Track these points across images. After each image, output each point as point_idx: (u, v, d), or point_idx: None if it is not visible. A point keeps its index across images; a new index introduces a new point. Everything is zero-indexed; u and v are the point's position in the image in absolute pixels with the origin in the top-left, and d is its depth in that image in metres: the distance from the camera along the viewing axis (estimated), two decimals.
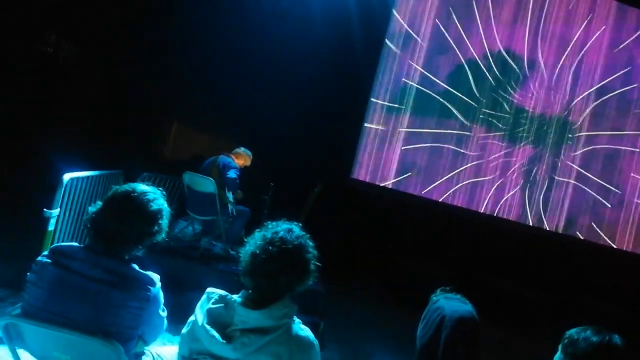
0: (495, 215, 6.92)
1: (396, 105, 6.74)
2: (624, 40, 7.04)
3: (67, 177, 3.46)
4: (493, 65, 6.84)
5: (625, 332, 1.57)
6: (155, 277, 1.71)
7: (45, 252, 1.67)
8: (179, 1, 6.27)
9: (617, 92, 7.04)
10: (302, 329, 1.56)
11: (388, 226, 6.60)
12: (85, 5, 5.97)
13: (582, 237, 7.02)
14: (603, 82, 7.02)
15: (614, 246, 7.02)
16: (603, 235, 7.02)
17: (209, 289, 1.60)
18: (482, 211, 6.91)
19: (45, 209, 3.30)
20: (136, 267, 1.70)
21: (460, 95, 6.81)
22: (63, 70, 6.18)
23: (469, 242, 6.72)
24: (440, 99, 6.78)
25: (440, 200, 6.84)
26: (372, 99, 6.73)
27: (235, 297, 1.57)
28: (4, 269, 3.71)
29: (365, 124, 6.73)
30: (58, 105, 6.06)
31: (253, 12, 6.18)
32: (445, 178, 6.84)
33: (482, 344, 1.62)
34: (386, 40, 6.72)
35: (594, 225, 7.01)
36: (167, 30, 6.13)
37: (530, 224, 6.96)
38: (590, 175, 7.01)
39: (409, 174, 6.77)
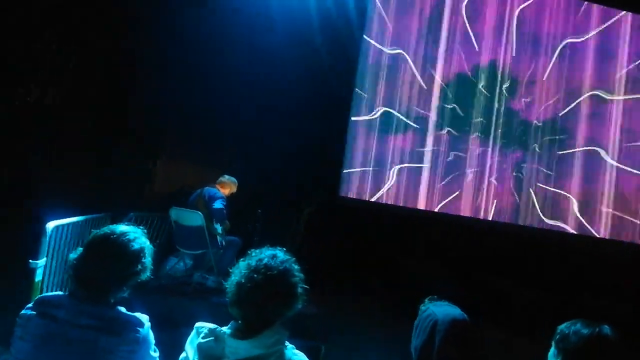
0: (491, 219, 6.93)
1: (378, 117, 6.80)
2: (608, 41, 7.23)
3: (50, 225, 3.43)
4: (477, 78, 6.98)
5: (629, 331, 1.57)
6: (144, 317, 1.69)
7: (30, 305, 1.65)
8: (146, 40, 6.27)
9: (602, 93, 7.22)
10: (295, 354, 1.55)
11: (382, 239, 6.55)
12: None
13: (577, 233, 7.06)
14: (588, 85, 7.19)
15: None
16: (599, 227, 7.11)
17: (197, 324, 1.59)
18: (476, 217, 6.93)
19: (30, 260, 3.26)
20: (123, 309, 1.68)
21: (446, 106, 6.91)
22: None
23: (467, 249, 6.65)
24: (425, 112, 6.86)
25: (431, 210, 6.86)
26: (353, 118, 6.77)
27: (224, 329, 1.56)
28: None
29: (350, 142, 6.75)
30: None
31: (233, 37, 6.21)
32: (436, 188, 6.86)
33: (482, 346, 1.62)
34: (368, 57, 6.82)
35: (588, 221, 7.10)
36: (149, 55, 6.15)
37: (524, 224, 7.01)
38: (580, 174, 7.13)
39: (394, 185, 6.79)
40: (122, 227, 1.73)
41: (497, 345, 4.41)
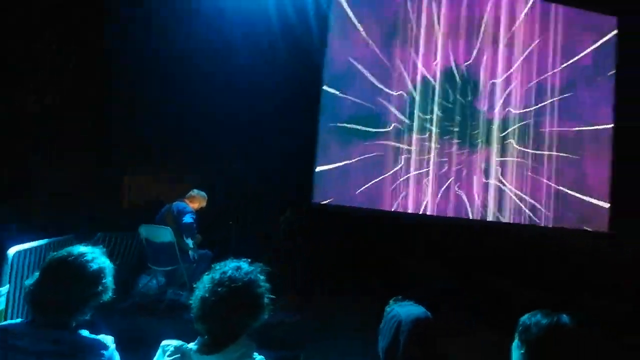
0: (469, 217, 7.07)
1: (351, 126, 6.83)
2: (562, 42, 7.52)
3: (12, 251, 3.33)
4: (442, 79, 7.12)
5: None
6: (108, 339, 1.65)
7: None
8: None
9: (557, 95, 7.45)
10: None
11: (363, 243, 6.49)
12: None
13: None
14: (544, 85, 7.44)
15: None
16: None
17: (163, 342, 1.57)
18: (449, 216, 7.03)
19: None
20: (86, 332, 1.63)
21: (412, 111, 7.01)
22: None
23: (458, 249, 6.63)
24: (391, 114, 6.95)
25: (398, 212, 6.92)
26: (322, 124, 6.79)
27: (191, 345, 1.54)
28: None
29: (321, 147, 6.75)
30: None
31: (201, 50, 6.14)
32: (406, 191, 6.93)
33: (472, 347, 1.64)
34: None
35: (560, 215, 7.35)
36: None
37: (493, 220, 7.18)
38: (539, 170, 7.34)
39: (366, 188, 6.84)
40: (80, 248, 1.70)
41: (491, 346, 4.40)
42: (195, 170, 6.02)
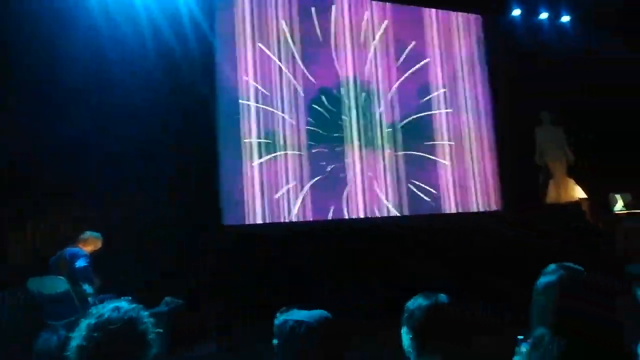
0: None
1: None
2: (440, 42, 8.22)
3: None
4: (340, 90, 7.44)
5: None
6: None
7: None
8: None
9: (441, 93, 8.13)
10: None
11: (267, 260, 6.39)
12: None
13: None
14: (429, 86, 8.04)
15: None
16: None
17: None
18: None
19: None
20: None
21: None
22: None
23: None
24: (290, 129, 7.04)
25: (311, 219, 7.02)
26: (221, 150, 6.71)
27: None
28: None
29: (226, 169, 6.66)
30: None
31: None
32: (318, 199, 7.07)
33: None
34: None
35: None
36: None
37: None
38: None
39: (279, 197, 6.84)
40: None
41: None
42: (88, 210, 5.61)
